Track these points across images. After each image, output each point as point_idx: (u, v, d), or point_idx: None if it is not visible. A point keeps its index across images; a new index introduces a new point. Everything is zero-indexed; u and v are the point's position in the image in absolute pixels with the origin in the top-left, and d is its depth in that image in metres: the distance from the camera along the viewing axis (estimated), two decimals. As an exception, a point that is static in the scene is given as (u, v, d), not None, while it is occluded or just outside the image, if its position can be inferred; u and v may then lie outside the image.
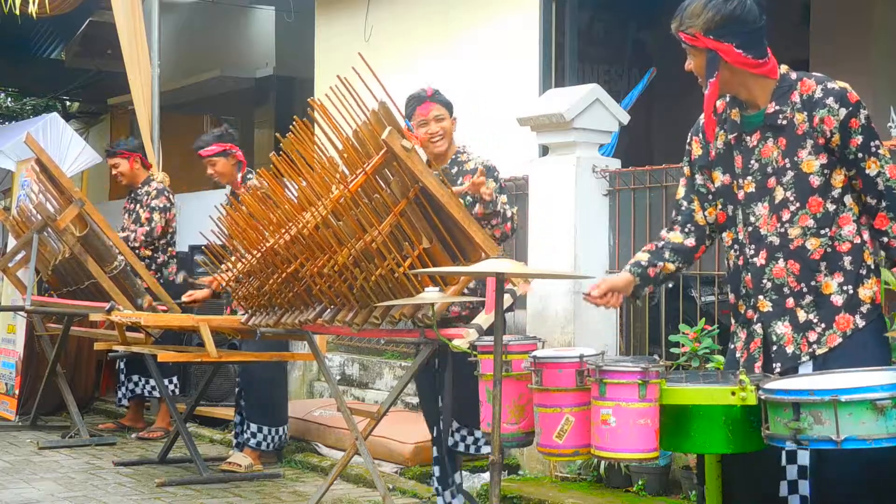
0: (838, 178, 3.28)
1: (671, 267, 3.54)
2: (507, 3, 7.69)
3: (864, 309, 3.26)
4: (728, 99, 3.43)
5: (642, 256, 3.56)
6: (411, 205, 4.45)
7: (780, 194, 3.30)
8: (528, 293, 4.75)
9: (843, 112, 3.23)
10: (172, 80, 12.07)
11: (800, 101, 3.29)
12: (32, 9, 9.06)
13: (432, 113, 4.91)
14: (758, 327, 3.37)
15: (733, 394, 3.02)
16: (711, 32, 3.26)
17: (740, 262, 3.41)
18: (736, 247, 3.43)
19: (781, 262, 3.31)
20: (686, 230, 3.54)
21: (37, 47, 13.80)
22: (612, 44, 9.95)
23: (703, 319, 5.40)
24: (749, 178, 3.36)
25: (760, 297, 3.35)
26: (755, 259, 3.36)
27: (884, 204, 3.28)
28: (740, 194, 3.39)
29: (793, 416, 2.87)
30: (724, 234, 3.49)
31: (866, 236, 3.31)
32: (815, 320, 3.27)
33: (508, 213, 4.79)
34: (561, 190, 6.01)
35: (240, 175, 6.62)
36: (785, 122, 3.30)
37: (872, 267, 3.31)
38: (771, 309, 3.33)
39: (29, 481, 6.22)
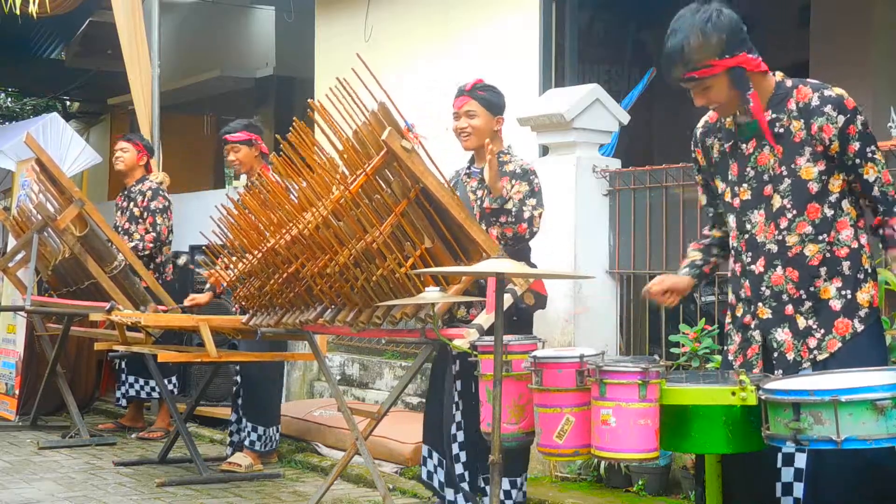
0: (836, 184, 3.29)
1: (719, 261, 3.66)
2: (507, 3, 7.69)
3: (862, 313, 3.27)
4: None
5: (696, 255, 3.65)
6: (412, 205, 4.45)
7: (777, 202, 3.31)
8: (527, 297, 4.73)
9: (841, 119, 3.23)
10: (172, 80, 12.07)
11: (796, 109, 3.29)
12: (32, 9, 9.05)
13: (464, 108, 4.92)
14: (756, 334, 3.38)
15: (733, 394, 3.03)
16: (726, 53, 3.24)
17: (738, 270, 3.42)
18: (734, 253, 3.45)
19: (780, 270, 3.32)
20: (723, 231, 3.60)
21: (37, 47, 13.80)
22: (612, 44, 9.94)
23: (703, 319, 5.40)
24: (745, 185, 3.38)
25: (760, 304, 3.36)
26: (753, 266, 3.37)
27: (881, 208, 3.32)
28: (735, 202, 3.41)
29: (793, 417, 2.88)
30: None
31: (863, 240, 3.33)
32: (815, 326, 3.28)
33: (525, 214, 4.74)
34: (561, 190, 6.01)
35: (268, 165, 6.57)
36: (782, 130, 3.30)
37: (870, 271, 3.32)
38: (770, 316, 3.34)
39: (29, 481, 6.22)
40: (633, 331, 6.07)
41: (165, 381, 7.14)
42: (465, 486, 4.81)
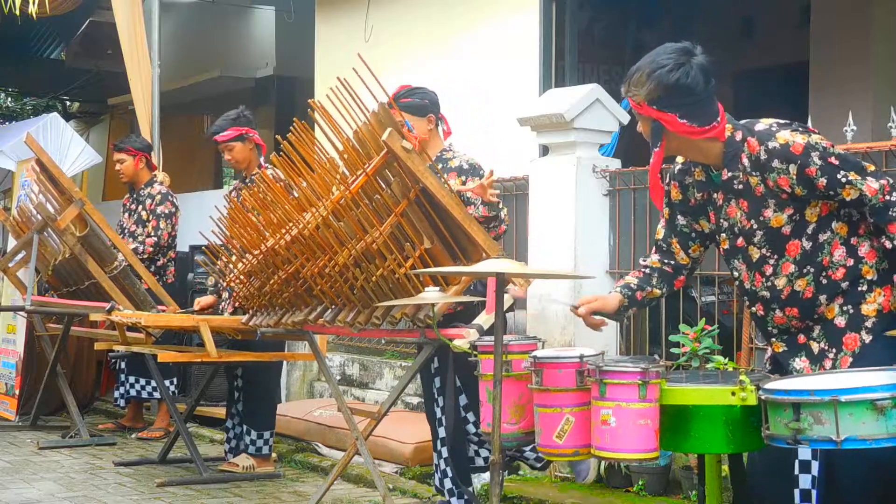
0: (812, 212, 3.26)
1: (657, 293, 3.61)
2: (507, 3, 7.69)
3: (868, 323, 3.26)
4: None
5: (632, 280, 3.61)
6: (412, 205, 4.45)
7: (755, 253, 3.33)
8: (526, 296, 4.74)
9: (793, 168, 3.19)
10: (172, 80, 12.07)
11: (749, 164, 3.26)
12: (32, 9, 9.05)
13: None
14: (768, 363, 3.46)
15: (733, 394, 3.03)
16: (654, 103, 3.26)
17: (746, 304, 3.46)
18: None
19: (779, 312, 3.35)
20: (665, 263, 3.61)
21: (37, 47, 13.81)
22: (612, 44, 9.94)
23: (703, 319, 5.37)
24: (723, 234, 3.42)
25: (773, 339, 3.41)
26: (753, 309, 3.42)
27: (872, 220, 3.24)
28: (721, 249, 3.46)
29: (793, 417, 2.87)
30: None
31: (862, 251, 3.28)
32: (826, 348, 3.30)
33: (502, 215, 4.85)
34: (561, 190, 6.01)
35: (262, 159, 6.46)
36: (741, 186, 3.30)
37: (875, 279, 3.26)
38: (786, 349, 3.37)
39: (29, 481, 6.22)
40: (633, 331, 6.07)
41: (166, 382, 7.13)
42: (447, 482, 4.81)
